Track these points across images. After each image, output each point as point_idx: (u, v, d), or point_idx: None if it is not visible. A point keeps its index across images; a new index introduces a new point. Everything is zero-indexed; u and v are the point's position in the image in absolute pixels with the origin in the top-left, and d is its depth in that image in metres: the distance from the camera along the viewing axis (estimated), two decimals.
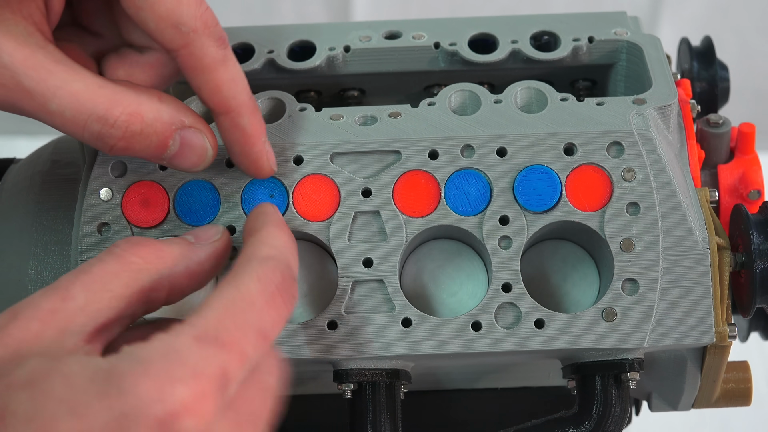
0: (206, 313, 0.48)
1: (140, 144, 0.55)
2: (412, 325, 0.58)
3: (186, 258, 0.53)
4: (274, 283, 0.50)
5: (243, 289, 0.49)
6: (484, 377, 0.68)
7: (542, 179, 0.59)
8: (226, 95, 0.56)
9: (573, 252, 0.61)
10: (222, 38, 0.55)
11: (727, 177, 0.66)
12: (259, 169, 0.58)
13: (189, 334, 0.46)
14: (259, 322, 0.48)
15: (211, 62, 0.55)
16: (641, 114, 0.60)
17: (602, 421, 0.60)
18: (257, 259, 0.51)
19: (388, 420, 0.60)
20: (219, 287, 0.49)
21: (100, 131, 0.54)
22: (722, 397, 0.66)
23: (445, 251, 0.61)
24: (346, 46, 0.67)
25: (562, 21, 0.68)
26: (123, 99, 0.54)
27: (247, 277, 0.50)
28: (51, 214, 0.63)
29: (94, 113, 0.54)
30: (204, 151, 0.57)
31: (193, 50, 0.54)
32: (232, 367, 0.46)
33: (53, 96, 0.54)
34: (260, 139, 0.57)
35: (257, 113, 0.57)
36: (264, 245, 0.52)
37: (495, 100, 0.61)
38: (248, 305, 0.49)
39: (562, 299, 0.60)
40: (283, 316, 0.50)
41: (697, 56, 0.71)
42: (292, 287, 0.51)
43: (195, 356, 0.46)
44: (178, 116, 0.56)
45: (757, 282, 0.60)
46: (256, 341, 0.48)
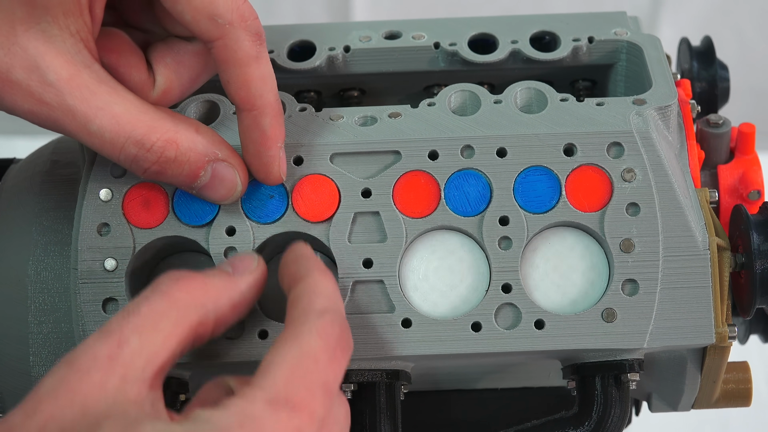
0: (275, 373, 0.48)
1: (173, 171, 0.56)
2: (412, 326, 0.58)
3: (229, 290, 0.53)
4: (333, 336, 0.51)
5: (305, 347, 0.50)
6: (484, 378, 0.68)
7: (542, 180, 0.59)
8: (253, 92, 0.56)
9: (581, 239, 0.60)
10: (258, 34, 0.55)
11: (727, 177, 0.66)
12: (268, 174, 0.58)
13: (261, 399, 0.47)
14: (325, 379, 0.49)
15: (244, 57, 0.55)
16: (641, 114, 0.60)
17: (602, 422, 0.60)
18: (315, 313, 0.51)
19: (388, 420, 0.60)
20: (281, 344, 0.50)
21: (136, 155, 0.55)
22: (722, 398, 0.66)
23: (447, 243, 0.60)
24: (346, 46, 0.67)
25: (562, 21, 0.68)
26: (161, 126, 0.55)
27: (308, 334, 0.50)
28: (51, 214, 0.63)
29: (132, 137, 0.55)
30: (234, 186, 0.57)
31: (228, 42, 0.54)
32: (303, 428, 0.47)
33: (94, 117, 0.54)
34: (276, 143, 0.57)
35: (280, 117, 0.57)
36: (318, 296, 0.52)
37: (495, 101, 0.61)
38: (313, 363, 0.49)
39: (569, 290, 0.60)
40: (343, 367, 0.51)
41: (697, 56, 0.71)
42: (349, 337, 0.52)
43: (271, 422, 0.47)
44: (212, 148, 0.56)
45: (757, 283, 0.60)
46: (323, 398, 0.49)
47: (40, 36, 0.54)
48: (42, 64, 0.53)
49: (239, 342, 0.58)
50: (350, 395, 0.59)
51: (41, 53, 0.53)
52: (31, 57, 0.53)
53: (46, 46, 0.53)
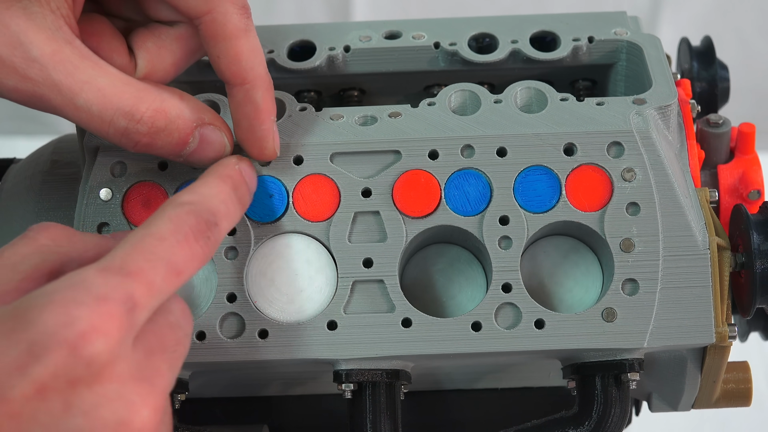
0: (115, 250, 0.49)
1: (163, 140, 0.56)
2: (412, 326, 0.58)
3: (98, 246, 0.53)
4: (187, 223, 0.50)
5: (153, 228, 0.50)
6: (484, 377, 0.68)
7: (542, 179, 0.59)
8: (244, 66, 0.56)
9: (575, 247, 0.61)
10: (245, 7, 0.55)
11: (727, 177, 0.66)
12: (263, 149, 0.58)
13: (95, 267, 0.47)
14: (170, 256, 0.49)
15: (234, 29, 0.55)
16: (641, 114, 0.60)
17: (602, 422, 0.60)
18: (173, 203, 0.52)
19: (388, 420, 0.59)
20: (133, 231, 0.50)
21: (127, 127, 0.55)
22: (722, 398, 0.66)
23: (445, 255, 0.61)
24: (346, 46, 0.67)
25: (562, 21, 0.68)
26: (148, 96, 0.55)
27: (158, 218, 0.50)
28: (51, 214, 0.63)
29: (121, 109, 0.55)
30: (222, 147, 0.57)
31: (216, 16, 0.54)
32: (138, 294, 0.47)
33: (80, 90, 0.54)
34: (270, 116, 0.57)
35: (271, 91, 0.57)
36: (187, 192, 0.53)
37: (495, 100, 0.61)
38: (157, 240, 0.49)
39: (566, 295, 0.60)
40: (198, 256, 0.51)
41: (697, 56, 0.71)
42: (210, 231, 0.51)
43: (99, 282, 0.46)
44: (198, 114, 0.57)
45: (757, 282, 0.60)
46: (166, 273, 0.49)
47: (21, 13, 0.53)
48: (25, 41, 0.53)
49: (239, 342, 0.58)
50: (350, 395, 0.59)
51: (23, 30, 0.53)
52: (14, 33, 0.53)
53: (28, 23, 0.53)
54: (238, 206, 0.55)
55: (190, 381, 0.61)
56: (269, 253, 0.60)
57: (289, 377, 0.67)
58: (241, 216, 0.56)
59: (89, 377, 0.45)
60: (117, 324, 0.46)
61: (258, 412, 0.69)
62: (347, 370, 0.59)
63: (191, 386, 0.61)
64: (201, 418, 0.65)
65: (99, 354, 0.45)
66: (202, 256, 0.51)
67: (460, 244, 0.61)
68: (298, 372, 0.65)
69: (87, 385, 0.46)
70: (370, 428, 0.59)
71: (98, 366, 0.46)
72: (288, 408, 0.69)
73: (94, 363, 0.45)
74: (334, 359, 0.59)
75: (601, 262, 0.61)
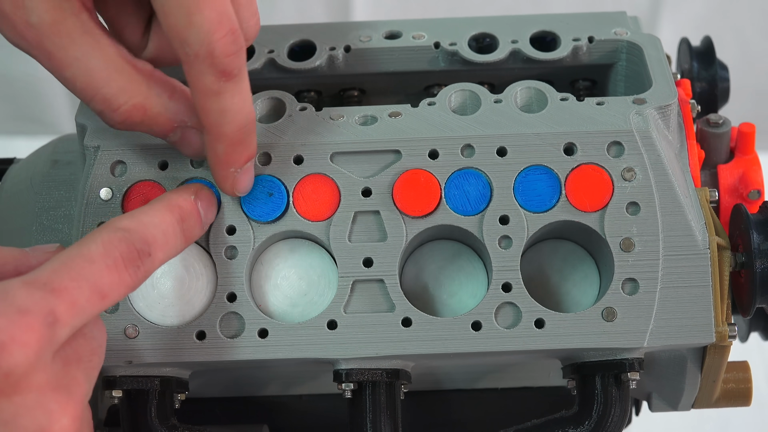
0: (43, 266, 0.49)
1: (140, 129, 0.57)
2: (412, 325, 0.58)
3: (16, 260, 0.53)
4: (118, 249, 0.51)
5: (84, 249, 0.50)
6: (484, 377, 0.68)
7: (542, 179, 0.59)
8: (210, 120, 0.55)
9: (573, 251, 0.61)
10: (225, 72, 0.53)
11: (727, 177, 0.66)
12: (220, 188, 0.58)
13: (20, 280, 0.48)
14: (96, 279, 0.49)
15: (203, 89, 0.54)
16: (641, 114, 0.60)
17: (602, 421, 0.60)
18: (109, 227, 0.52)
19: (388, 420, 0.59)
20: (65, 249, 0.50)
21: (102, 110, 0.56)
22: (722, 397, 0.66)
23: (446, 252, 0.61)
24: (346, 46, 0.67)
25: (562, 21, 0.68)
26: (133, 89, 0.55)
27: (92, 240, 0.51)
28: (51, 214, 0.63)
29: (101, 94, 0.55)
30: (199, 150, 0.58)
31: (190, 71, 0.54)
32: (60, 310, 0.47)
33: (69, 66, 0.54)
34: (228, 168, 0.57)
35: (239, 146, 0.56)
36: (127, 217, 0.53)
37: (495, 100, 0.61)
38: (86, 262, 0.50)
39: (563, 299, 0.60)
40: (126, 283, 0.51)
41: (697, 56, 0.71)
42: (140, 261, 0.52)
43: (22, 295, 0.47)
44: (181, 116, 0.57)
45: (757, 282, 0.60)
46: (90, 295, 0.49)
47: None
48: (29, 5, 0.53)
49: (239, 342, 0.58)
50: (350, 394, 0.59)
51: None
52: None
53: None
54: (181, 238, 0.55)
55: (189, 380, 0.61)
56: (273, 258, 0.60)
57: (289, 377, 0.67)
58: (185, 247, 0.56)
59: (8, 388, 0.46)
60: (37, 337, 0.46)
61: (258, 412, 0.69)
62: (347, 369, 0.59)
63: (191, 386, 0.61)
64: (201, 418, 0.65)
65: (17, 365, 0.46)
66: (130, 283, 0.51)
67: (461, 241, 0.61)
68: (298, 372, 0.65)
69: (6, 396, 0.46)
70: (370, 428, 0.59)
71: (17, 377, 0.46)
72: (288, 408, 0.69)
73: (12, 374, 0.46)
74: (334, 359, 0.59)
75: (598, 266, 0.61)
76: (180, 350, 0.58)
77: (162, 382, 0.59)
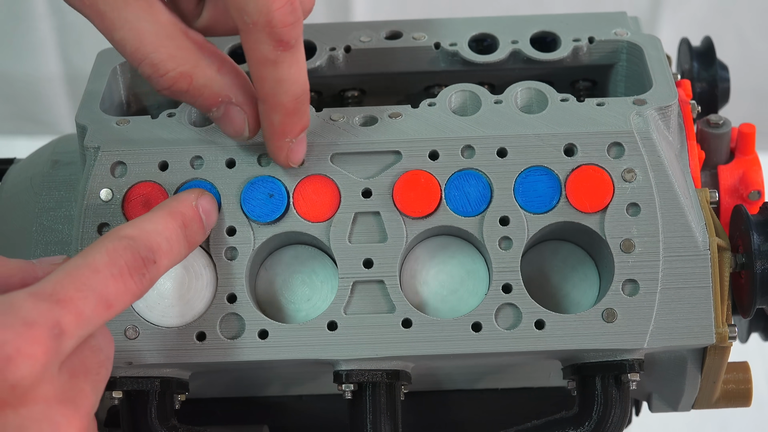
0: (48, 277, 0.49)
1: (185, 98, 0.57)
2: (412, 326, 0.58)
3: (23, 272, 0.53)
4: (123, 258, 0.51)
5: (89, 258, 0.50)
6: (484, 378, 0.68)
7: (542, 180, 0.59)
8: (267, 90, 0.56)
9: (573, 253, 0.61)
10: (282, 41, 0.54)
11: (727, 177, 0.66)
12: (274, 159, 0.59)
13: (25, 291, 0.48)
14: (101, 289, 0.49)
15: (261, 58, 0.55)
16: (641, 114, 0.60)
17: (602, 422, 0.60)
18: (113, 236, 0.52)
19: (388, 420, 0.59)
20: (70, 259, 0.50)
21: (150, 75, 0.56)
22: (722, 398, 0.66)
23: (446, 248, 0.60)
24: (346, 46, 0.67)
25: (562, 21, 0.68)
26: (182, 56, 0.56)
27: (96, 249, 0.51)
28: (51, 214, 0.63)
29: (150, 59, 0.55)
30: (241, 130, 0.58)
31: (248, 39, 0.54)
32: (66, 321, 0.47)
33: (120, 27, 0.55)
34: (284, 138, 0.57)
35: (295, 116, 0.57)
36: (130, 226, 0.53)
37: (495, 101, 0.61)
38: (91, 272, 0.50)
39: (563, 300, 0.60)
40: (131, 291, 0.51)
41: (697, 56, 0.71)
42: (145, 269, 0.52)
43: (28, 307, 0.47)
44: (227, 91, 0.57)
45: (757, 283, 0.60)
46: (96, 305, 0.49)
47: None
48: None
49: (239, 342, 0.58)
50: (350, 395, 0.59)
51: None
52: None
53: None
54: (184, 245, 0.55)
55: (190, 381, 0.61)
56: (276, 263, 0.60)
57: (289, 377, 0.67)
58: (189, 253, 0.56)
59: (15, 400, 0.46)
60: (43, 349, 0.46)
61: (258, 412, 0.69)
62: (347, 370, 0.59)
63: (191, 386, 0.61)
64: (201, 418, 0.65)
65: (24, 378, 0.46)
66: (135, 291, 0.51)
67: (462, 237, 0.61)
68: (298, 372, 0.65)
69: (12, 408, 0.46)
70: (371, 428, 0.59)
71: (23, 389, 0.46)
72: (288, 408, 0.69)
73: (19, 386, 0.46)
74: (334, 360, 0.59)
75: (598, 267, 0.61)
76: (180, 351, 0.58)
77: (162, 383, 0.59)
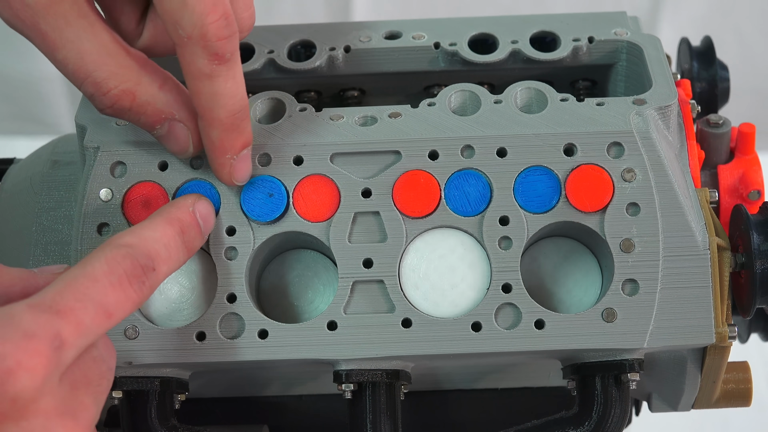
0: (48, 288, 0.49)
1: (128, 117, 0.57)
2: (412, 326, 0.58)
3: (23, 281, 0.53)
4: (122, 266, 0.51)
5: (88, 268, 0.50)
6: (484, 378, 0.68)
7: (542, 180, 0.59)
8: (203, 104, 0.56)
9: (575, 249, 0.61)
10: (218, 55, 0.54)
11: (727, 177, 0.66)
12: (218, 177, 0.58)
13: (25, 303, 0.48)
14: (101, 298, 0.49)
15: (196, 72, 0.55)
16: (641, 114, 0.60)
17: (602, 422, 0.60)
18: (112, 244, 0.52)
19: (388, 420, 0.59)
20: (68, 269, 0.50)
21: (93, 94, 0.56)
22: (722, 398, 0.66)
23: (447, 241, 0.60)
24: (346, 46, 0.67)
25: (562, 21, 0.68)
26: (124, 74, 0.56)
27: (95, 258, 0.51)
28: (51, 214, 0.63)
29: (92, 77, 0.55)
30: (186, 146, 0.58)
31: (183, 53, 0.54)
32: (66, 332, 0.47)
33: (62, 47, 0.55)
34: (224, 154, 0.57)
35: (233, 132, 0.56)
36: (128, 234, 0.53)
37: (495, 101, 0.61)
38: (91, 281, 0.49)
39: (565, 297, 0.60)
40: (132, 300, 0.51)
41: (697, 56, 0.71)
42: (145, 276, 0.52)
43: (27, 319, 0.47)
44: (170, 107, 0.57)
45: (757, 282, 0.60)
46: (95, 314, 0.49)
47: None
48: None
49: (239, 342, 0.58)
50: (350, 395, 0.59)
51: None
52: None
53: None
54: (183, 251, 0.55)
55: (190, 381, 0.61)
56: (279, 267, 0.60)
57: (289, 377, 0.67)
58: (187, 260, 0.56)
59: (15, 413, 0.46)
60: (43, 361, 0.46)
61: (258, 412, 0.69)
62: (347, 370, 0.59)
63: (191, 386, 0.61)
64: (201, 418, 0.65)
65: (24, 390, 0.46)
66: (135, 299, 0.51)
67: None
68: (298, 372, 0.65)
69: (13, 421, 0.46)
70: (370, 428, 0.59)
71: (23, 402, 0.46)
72: (288, 408, 0.69)
73: (19, 399, 0.46)
74: (334, 359, 0.59)
75: (600, 263, 0.61)
76: (180, 351, 0.58)
77: (162, 383, 0.59)
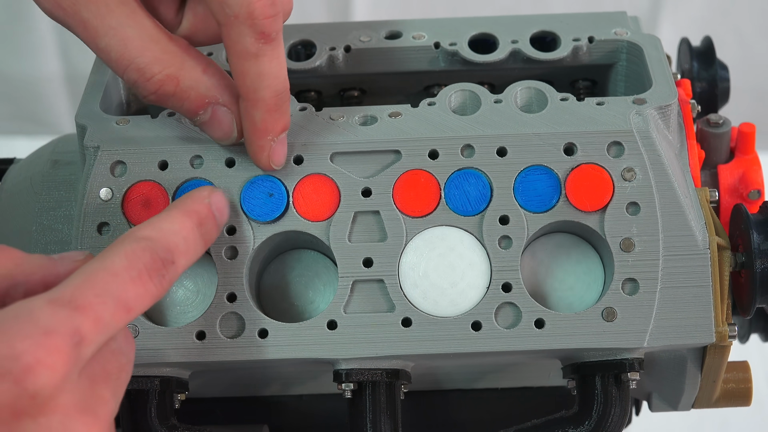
0: (66, 282, 0.49)
1: (171, 103, 0.57)
2: (412, 325, 0.58)
3: (44, 269, 0.53)
4: (142, 260, 0.50)
5: (108, 262, 0.50)
6: (484, 377, 0.68)
7: (542, 179, 0.59)
8: (248, 85, 0.56)
9: (577, 245, 0.61)
10: (264, 33, 0.54)
11: (727, 177, 0.66)
12: (256, 160, 0.58)
13: (44, 298, 0.47)
14: (120, 293, 0.49)
15: (242, 51, 0.55)
16: (641, 114, 0.60)
17: (602, 421, 0.60)
18: (131, 238, 0.51)
19: (388, 420, 0.59)
20: (88, 262, 0.50)
21: (136, 81, 0.56)
22: (722, 397, 0.66)
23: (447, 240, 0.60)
24: (346, 46, 0.67)
25: (562, 21, 0.68)
26: (167, 59, 0.56)
27: (115, 252, 0.50)
28: (51, 214, 0.63)
29: (135, 63, 0.55)
30: (230, 131, 0.58)
31: (230, 33, 0.55)
32: (86, 328, 0.47)
33: (105, 34, 0.55)
34: (266, 136, 0.57)
35: (276, 113, 0.57)
36: (147, 226, 0.53)
37: (495, 100, 0.61)
38: (110, 276, 0.49)
39: (567, 294, 0.60)
40: (151, 293, 0.51)
41: (697, 56, 0.71)
42: (165, 270, 0.51)
43: (47, 315, 0.46)
44: (214, 92, 0.57)
45: (757, 282, 0.60)
46: (115, 309, 0.49)
47: None
48: None
49: (239, 342, 0.58)
50: (350, 395, 0.59)
51: None
52: None
53: None
54: (201, 243, 0.55)
55: (190, 380, 0.61)
56: (280, 267, 0.61)
57: (289, 377, 0.67)
58: (204, 251, 0.56)
59: (34, 409, 0.46)
60: (63, 358, 0.46)
61: (258, 412, 0.69)
62: (347, 369, 0.59)
63: (191, 386, 0.61)
64: (201, 418, 0.65)
65: (44, 387, 0.46)
66: (155, 293, 0.51)
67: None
68: (298, 372, 0.65)
69: (32, 417, 0.46)
70: (370, 428, 0.59)
71: (43, 398, 0.46)
72: (288, 408, 0.69)
73: (38, 396, 0.46)
74: (334, 359, 0.59)
75: (602, 259, 0.60)
76: (180, 350, 0.58)
77: (162, 382, 0.59)
